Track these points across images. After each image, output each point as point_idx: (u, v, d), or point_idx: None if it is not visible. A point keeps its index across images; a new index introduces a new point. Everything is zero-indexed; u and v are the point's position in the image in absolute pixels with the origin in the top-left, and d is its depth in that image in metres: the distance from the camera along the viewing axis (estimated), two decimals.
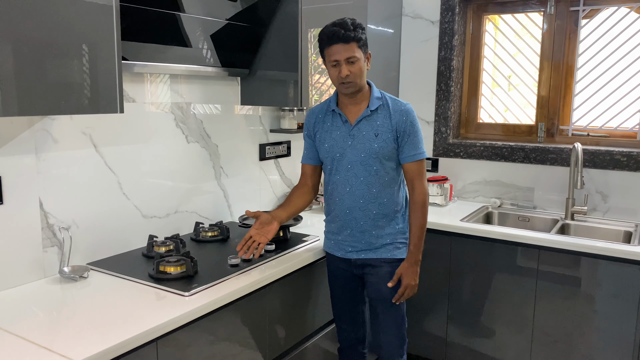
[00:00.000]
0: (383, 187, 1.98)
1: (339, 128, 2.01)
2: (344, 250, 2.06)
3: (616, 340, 2.36)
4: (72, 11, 1.45)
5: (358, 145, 1.96)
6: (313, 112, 2.10)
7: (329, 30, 1.87)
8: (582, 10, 2.92)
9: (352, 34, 1.85)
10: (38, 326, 1.47)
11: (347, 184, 2.00)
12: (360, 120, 1.98)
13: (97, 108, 1.55)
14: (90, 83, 1.51)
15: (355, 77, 1.89)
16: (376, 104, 1.97)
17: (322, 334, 2.31)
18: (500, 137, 3.20)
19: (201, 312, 1.63)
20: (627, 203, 2.77)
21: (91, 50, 1.51)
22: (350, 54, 1.86)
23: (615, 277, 2.32)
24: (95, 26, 1.51)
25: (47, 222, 1.82)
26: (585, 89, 2.96)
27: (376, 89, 2.02)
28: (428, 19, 3.18)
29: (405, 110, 1.98)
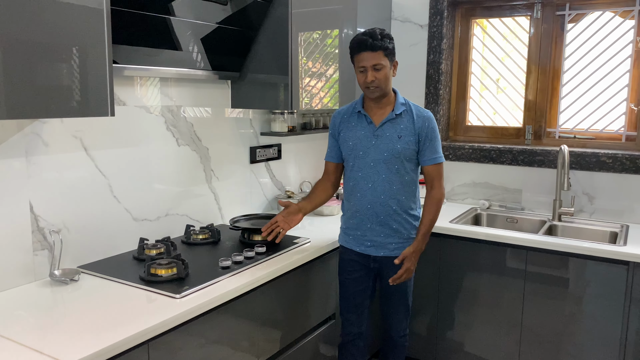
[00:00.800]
0: (402, 185, 2.13)
1: (364, 128, 2.15)
2: (364, 246, 2.18)
3: (603, 339, 2.39)
4: (62, 15, 1.45)
5: (381, 145, 2.10)
6: (339, 112, 2.25)
7: (359, 38, 2.04)
8: (568, 15, 2.96)
9: (379, 43, 2.00)
10: (29, 329, 1.47)
11: (370, 180, 2.13)
12: (385, 123, 2.12)
13: (88, 111, 1.55)
14: (81, 86, 1.52)
15: (380, 82, 2.04)
16: (401, 109, 2.12)
17: (313, 335, 2.33)
18: (489, 139, 3.24)
19: (192, 314, 1.64)
20: (612, 204, 2.81)
21: (82, 53, 1.51)
22: (377, 62, 2.01)
23: (602, 277, 2.36)
24: (86, 30, 1.52)
25: (37, 225, 1.82)
26: (572, 92, 3.00)
27: (401, 96, 2.17)
28: (417, 22, 3.21)
29: (428, 117, 2.15)
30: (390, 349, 2.36)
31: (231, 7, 2.31)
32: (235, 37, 2.41)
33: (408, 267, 2.12)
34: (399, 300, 2.25)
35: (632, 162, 2.74)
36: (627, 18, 2.82)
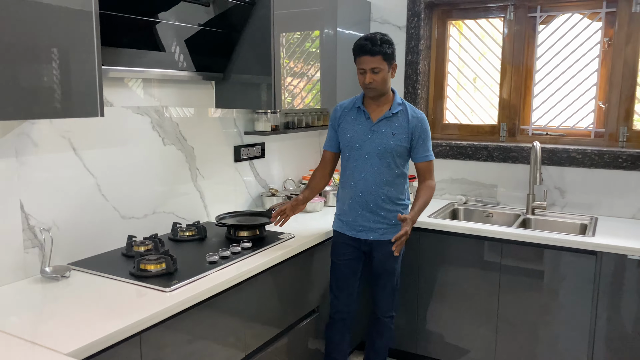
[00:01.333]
0: (392, 177, 2.31)
1: (362, 123, 2.32)
2: (356, 230, 2.37)
3: (574, 326, 2.51)
4: (52, 17, 1.50)
5: (376, 139, 2.27)
6: (341, 106, 2.43)
7: (360, 43, 2.21)
8: (540, 16, 3.08)
9: (378, 49, 2.17)
10: (23, 323, 1.53)
11: (363, 171, 2.30)
12: (382, 120, 2.30)
13: (79, 112, 1.61)
14: (72, 88, 1.57)
15: (377, 84, 2.22)
16: (397, 109, 2.30)
17: (298, 327, 2.41)
18: (465, 137, 3.35)
19: (182, 306, 1.71)
20: (582, 198, 2.94)
21: (72, 56, 1.57)
22: (375, 65, 2.18)
23: (573, 267, 2.48)
24: (76, 32, 1.57)
25: (28, 223, 1.86)
26: (544, 91, 3.13)
27: (399, 97, 2.35)
28: (395, 24, 3.31)
29: (421, 117, 2.33)
30: (377, 329, 2.51)
31: (214, 9, 2.36)
32: (218, 39, 2.47)
33: (406, 230, 2.19)
34: (386, 280, 2.41)
35: (600, 157, 2.87)
36: (594, 20, 2.96)
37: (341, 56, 3.03)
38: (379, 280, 2.43)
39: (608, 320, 2.44)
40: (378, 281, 2.43)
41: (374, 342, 2.55)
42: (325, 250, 2.54)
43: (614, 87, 2.93)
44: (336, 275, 2.44)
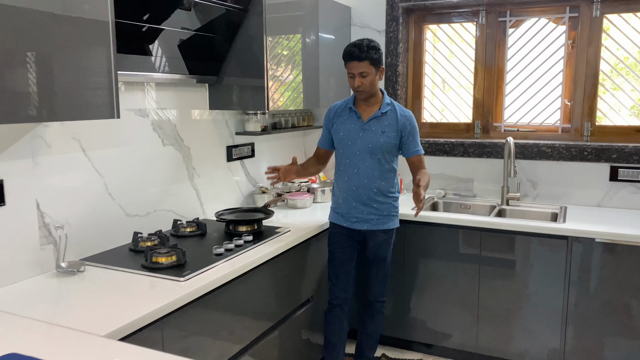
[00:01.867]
0: (382, 172, 2.48)
1: (354, 122, 2.49)
2: (350, 221, 2.53)
3: (548, 309, 2.73)
4: (73, 27, 1.60)
5: (367, 137, 2.45)
6: (334, 107, 2.60)
7: (349, 49, 2.39)
8: (509, 21, 3.31)
9: (365, 54, 2.34)
10: (54, 312, 1.62)
11: (355, 167, 2.47)
12: (372, 119, 2.46)
13: (98, 114, 1.71)
14: (92, 91, 1.68)
15: (365, 87, 2.39)
16: (386, 108, 2.47)
17: (297, 313, 2.55)
18: (442, 134, 3.55)
19: (197, 294, 1.83)
20: (552, 189, 3.18)
21: (93, 62, 1.67)
22: (363, 70, 2.36)
23: (545, 252, 2.70)
24: (94, 40, 1.67)
25: (43, 221, 1.95)
26: (514, 90, 3.36)
27: (387, 97, 2.52)
28: (375, 28, 3.49)
29: (409, 116, 2.51)
30: (370, 313, 2.68)
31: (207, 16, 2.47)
32: (212, 44, 2.59)
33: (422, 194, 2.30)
34: (379, 267, 2.59)
35: (567, 150, 3.11)
36: (559, 24, 3.20)
37: (323, 59, 3.19)
38: (372, 267, 2.60)
39: (578, 301, 2.66)
40: (371, 268, 2.60)
41: (366, 326, 2.71)
42: (319, 243, 2.69)
43: (578, 85, 3.18)
44: (334, 263, 2.59)
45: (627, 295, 2.57)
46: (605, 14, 3.07)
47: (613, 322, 2.61)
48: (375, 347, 2.78)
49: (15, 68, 1.46)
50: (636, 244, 2.52)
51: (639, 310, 2.56)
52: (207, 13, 2.45)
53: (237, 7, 2.55)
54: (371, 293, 2.65)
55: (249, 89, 2.69)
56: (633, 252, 2.53)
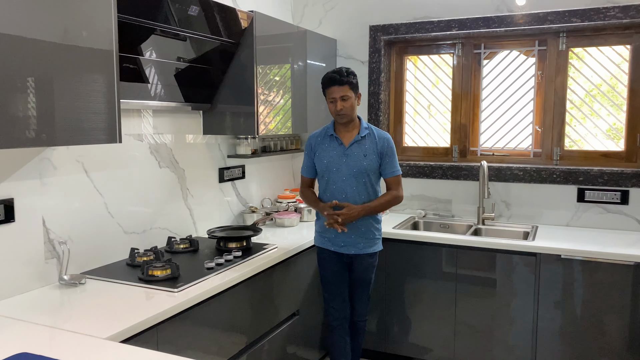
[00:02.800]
0: (368, 194, 2.61)
1: (335, 148, 2.61)
2: (338, 245, 2.64)
3: (520, 322, 2.90)
4: (81, 57, 1.79)
5: (351, 162, 2.58)
6: (314, 136, 2.72)
7: (330, 75, 2.54)
8: (483, 53, 3.56)
9: (345, 79, 2.51)
10: (59, 319, 1.78)
11: (343, 192, 2.58)
12: (353, 144, 2.59)
13: (103, 139, 1.89)
14: (98, 118, 1.86)
15: (347, 110, 2.53)
16: (364, 132, 2.60)
17: (283, 327, 2.70)
18: (422, 158, 3.76)
19: (189, 304, 1.99)
20: (525, 209, 3.39)
21: (98, 90, 1.86)
22: (344, 93, 2.52)
23: (516, 268, 2.89)
24: (99, 69, 1.86)
25: (48, 237, 2.12)
26: (490, 116, 3.58)
27: (364, 122, 2.66)
28: (358, 59, 3.72)
29: (387, 138, 2.64)
30: (355, 331, 2.81)
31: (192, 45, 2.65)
32: (206, 74, 2.80)
33: (345, 213, 2.51)
34: (363, 289, 2.72)
35: (538, 173, 3.32)
36: (529, 56, 3.44)
37: (310, 86, 3.41)
38: (357, 289, 2.72)
39: (547, 314, 2.84)
40: (356, 290, 2.72)
41: (354, 345, 2.83)
42: (304, 259, 2.87)
43: (547, 113, 3.41)
44: (328, 286, 2.70)
45: (593, 309, 2.76)
46: (570, 47, 3.32)
47: (580, 335, 2.79)
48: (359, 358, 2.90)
49: (20, 94, 1.62)
50: (600, 260, 2.71)
51: (604, 324, 2.75)
52: (202, 45, 2.66)
53: (229, 40, 2.76)
54: (355, 314, 2.76)
55: (241, 115, 2.89)
56: (598, 268, 2.73)
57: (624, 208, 3.16)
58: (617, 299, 2.71)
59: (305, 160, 2.75)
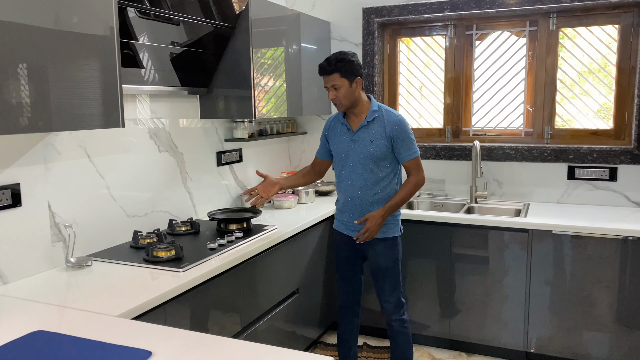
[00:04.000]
0: (377, 181, 2.51)
1: (345, 134, 2.56)
2: (349, 230, 2.61)
3: (513, 297, 3.00)
4: (82, 44, 1.83)
5: (358, 148, 2.51)
6: (330, 119, 2.68)
7: (320, 64, 2.47)
8: (475, 34, 3.60)
9: (332, 68, 2.41)
10: (70, 299, 1.84)
11: (349, 178, 2.54)
12: (360, 129, 2.51)
13: (106, 123, 1.93)
14: (102, 103, 1.90)
15: (340, 99, 2.45)
16: (372, 116, 2.49)
17: (288, 302, 2.78)
18: (416, 139, 3.78)
19: (194, 283, 2.05)
20: (516, 187, 3.47)
21: (102, 76, 1.89)
22: (333, 82, 2.43)
23: (509, 244, 2.97)
24: (102, 56, 1.89)
25: (54, 221, 2.16)
26: (482, 97, 3.64)
27: (375, 103, 2.53)
28: (352, 41, 3.75)
29: (397, 120, 2.49)
30: (391, 334, 2.68)
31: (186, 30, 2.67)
32: (202, 58, 2.83)
33: (369, 227, 2.45)
34: (383, 277, 2.59)
35: (529, 152, 3.40)
36: (520, 37, 3.50)
37: (305, 69, 3.45)
38: (377, 279, 2.61)
39: (539, 288, 2.93)
40: (377, 279, 2.62)
41: (392, 349, 2.69)
42: (304, 240, 2.94)
43: (538, 93, 3.48)
44: (339, 270, 2.71)
45: (583, 283, 2.85)
46: (560, 27, 3.37)
47: (570, 308, 2.89)
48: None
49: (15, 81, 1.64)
50: (590, 235, 2.80)
51: (594, 297, 2.85)
52: (196, 30, 2.69)
53: (224, 24, 2.79)
54: (383, 310, 2.64)
55: (237, 99, 2.93)
56: (587, 243, 2.82)
57: (613, 184, 3.25)
58: (606, 273, 2.81)
59: (321, 141, 2.72)
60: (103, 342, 1.44)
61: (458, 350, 3.22)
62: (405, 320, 2.66)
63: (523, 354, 3.07)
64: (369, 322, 3.36)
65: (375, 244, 2.57)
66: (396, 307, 2.63)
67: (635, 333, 2.79)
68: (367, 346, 3.29)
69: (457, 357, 3.17)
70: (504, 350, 3.09)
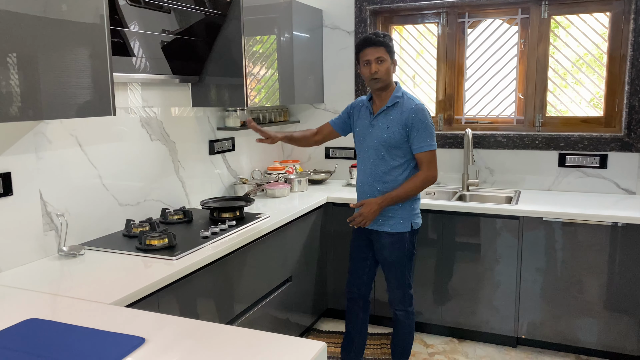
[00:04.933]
0: (388, 170, 2.44)
1: (366, 118, 2.53)
2: None
3: (504, 283, 3.03)
4: (73, 32, 1.81)
5: (374, 133, 2.47)
6: (357, 101, 2.64)
7: (365, 37, 2.41)
8: (467, 22, 3.60)
9: (382, 40, 2.36)
10: (63, 287, 1.84)
11: (363, 163, 2.53)
12: (379, 114, 2.46)
13: (98, 111, 1.92)
14: (93, 91, 1.89)
15: (382, 74, 2.38)
16: (393, 101, 2.43)
17: (281, 289, 2.79)
18: None
19: (187, 271, 2.06)
20: (508, 175, 3.49)
21: (92, 64, 1.88)
22: (379, 55, 2.37)
23: (501, 231, 2.99)
24: (92, 44, 1.88)
25: (46, 210, 2.16)
26: (474, 85, 3.65)
27: (400, 89, 2.47)
28: (345, 29, 3.74)
29: (414, 108, 2.39)
30: (394, 321, 2.65)
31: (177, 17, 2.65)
32: (193, 46, 2.81)
33: (362, 212, 2.39)
34: (389, 270, 2.56)
35: (521, 140, 3.42)
36: (512, 24, 3.50)
37: (297, 57, 3.43)
38: (384, 270, 2.59)
39: (529, 275, 2.97)
40: (384, 271, 2.60)
41: (393, 335, 2.69)
42: (297, 228, 2.95)
43: (530, 81, 3.49)
44: (351, 258, 2.68)
45: (573, 269, 2.89)
46: (552, 15, 3.38)
47: (560, 294, 2.92)
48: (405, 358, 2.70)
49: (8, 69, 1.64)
50: (580, 222, 2.83)
51: (584, 282, 2.88)
52: (187, 17, 2.67)
53: (215, 12, 2.77)
54: (389, 298, 2.63)
55: (229, 87, 2.92)
56: (577, 229, 2.85)
57: (603, 172, 3.28)
58: (596, 259, 2.84)
59: (342, 113, 2.68)
60: (97, 329, 1.45)
61: (450, 337, 3.26)
62: (411, 313, 2.62)
63: (514, 340, 3.11)
64: None
65: (382, 237, 2.51)
66: (401, 300, 2.59)
67: (624, 318, 2.83)
68: None
69: (449, 342, 3.20)
70: (495, 335, 3.13)
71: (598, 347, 2.92)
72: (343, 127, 2.67)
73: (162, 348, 1.36)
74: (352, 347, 2.78)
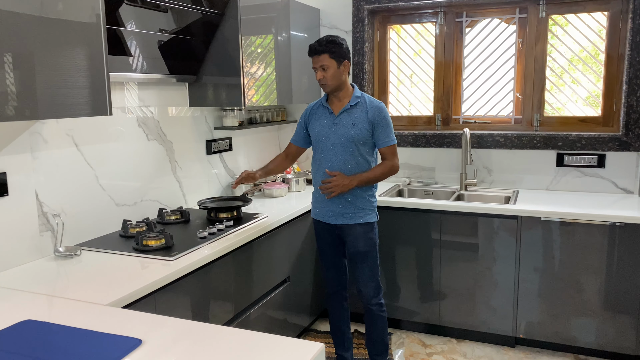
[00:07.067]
0: (357, 164, 2.55)
1: (326, 117, 2.60)
2: (327, 216, 2.62)
3: (502, 283, 3.02)
4: (69, 31, 1.80)
5: (339, 131, 2.55)
6: (309, 106, 2.71)
7: (310, 45, 2.53)
8: (465, 21, 3.60)
9: (323, 48, 2.48)
10: (59, 288, 1.83)
11: (329, 161, 2.56)
12: (342, 113, 2.55)
13: (94, 111, 1.91)
14: (90, 90, 1.88)
15: (327, 80, 2.51)
16: (355, 101, 2.56)
17: (279, 289, 2.78)
18: (406, 127, 3.82)
19: (185, 271, 2.05)
20: (506, 175, 3.48)
21: (89, 63, 1.87)
22: (322, 63, 2.49)
23: (499, 231, 2.99)
24: (88, 43, 1.87)
25: (42, 210, 2.14)
26: (472, 84, 3.64)
27: (358, 91, 2.61)
28: (342, 29, 3.73)
29: (379, 107, 2.57)
30: (368, 317, 2.72)
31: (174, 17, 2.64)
32: (190, 45, 2.80)
33: (334, 180, 2.50)
34: (362, 262, 2.62)
35: (519, 139, 3.41)
36: (510, 24, 3.49)
37: (295, 57, 3.42)
38: (356, 264, 2.63)
39: (528, 274, 2.96)
40: (356, 265, 2.63)
41: (369, 332, 2.75)
42: (294, 228, 2.94)
43: (527, 80, 3.48)
44: (323, 258, 2.74)
45: (571, 268, 2.88)
46: (550, 14, 3.38)
47: (558, 293, 2.92)
48: (386, 352, 2.77)
49: (4, 68, 1.64)
50: (578, 221, 2.83)
51: (581, 282, 2.88)
52: (184, 16, 2.66)
53: (213, 11, 2.76)
54: (362, 295, 2.67)
55: (226, 87, 2.91)
56: (575, 229, 2.84)
57: (601, 171, 3.28)
58: (593, 258, 2.84)
59: (297, 128, 2.76)
60: (93, 330, 1.44)
61: (448, 336, 3.25)
62: (383, 304, 2.73)
63: (512, 339, 3.11)
64: (359, 309, 3.37)
65: (354, 229, 2.60)
66: (375, 291, 2.67)
67: (622, 318, 2.83)
68: (358, 333, 3.31)
69: (447, 342, 3.20)
70: (494, 335, 3.12)
71: (596, 347, 2.91)
72: (306, 140, 2.75)
73: (159, 349, 1.35)
74: (344, 339, 2.84)
